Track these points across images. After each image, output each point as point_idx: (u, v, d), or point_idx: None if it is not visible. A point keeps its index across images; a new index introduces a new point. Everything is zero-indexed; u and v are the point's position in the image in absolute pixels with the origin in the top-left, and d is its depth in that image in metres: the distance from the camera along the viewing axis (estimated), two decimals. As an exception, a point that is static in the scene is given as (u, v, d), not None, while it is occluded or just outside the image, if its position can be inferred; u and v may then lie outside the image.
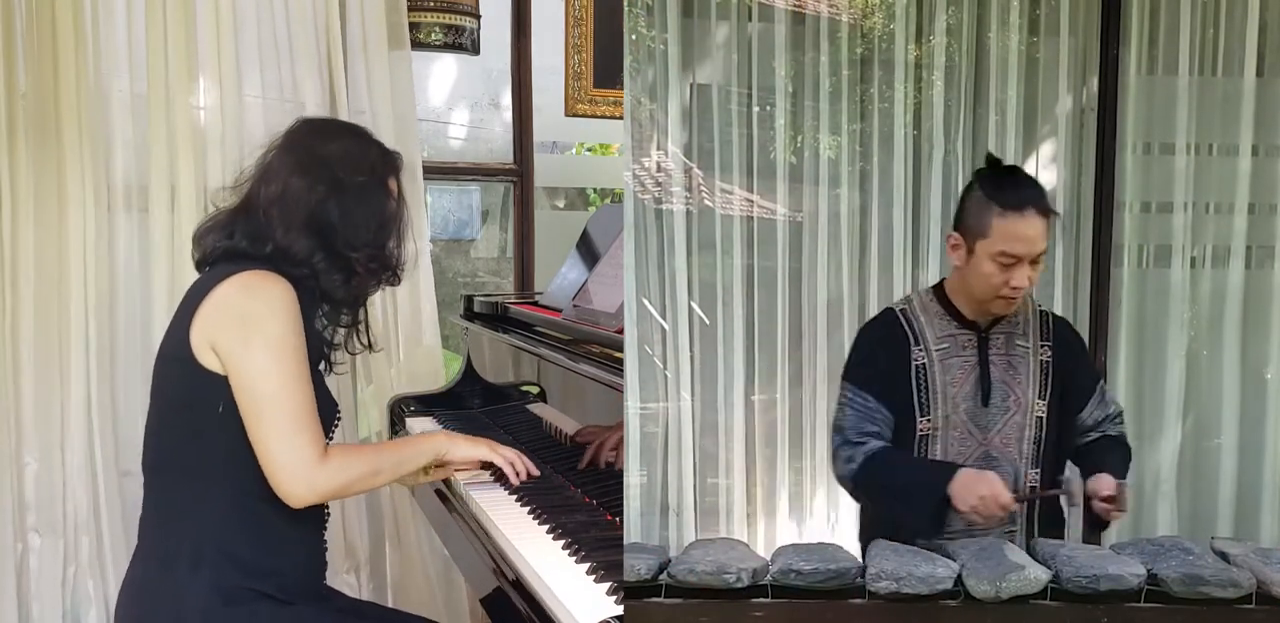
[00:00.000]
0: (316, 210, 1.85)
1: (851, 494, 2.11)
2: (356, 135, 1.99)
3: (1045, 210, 1.96)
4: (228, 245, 1.85)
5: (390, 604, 3.00)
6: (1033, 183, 2.02)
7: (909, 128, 3.11)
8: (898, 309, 2.10)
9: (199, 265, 1.92)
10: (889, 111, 3.11)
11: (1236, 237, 3.14)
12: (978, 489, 1.85)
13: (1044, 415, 2.06)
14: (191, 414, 1.79)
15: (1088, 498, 1.99)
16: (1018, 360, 2.06)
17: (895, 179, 3.10)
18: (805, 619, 1.66)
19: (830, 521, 3.15)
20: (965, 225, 2.00)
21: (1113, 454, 2.12)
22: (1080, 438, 2.16)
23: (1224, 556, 1.77)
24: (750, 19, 3.08)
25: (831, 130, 3.10)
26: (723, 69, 3.10)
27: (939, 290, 2.09)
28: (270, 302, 1.76)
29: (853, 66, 3.12)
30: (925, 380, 2.03)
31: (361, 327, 2.01)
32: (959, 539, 1.85)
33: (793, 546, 1.79)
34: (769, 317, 3.09)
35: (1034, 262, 1.96)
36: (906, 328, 2.06)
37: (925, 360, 2.04)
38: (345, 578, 2.98)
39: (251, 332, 1.74)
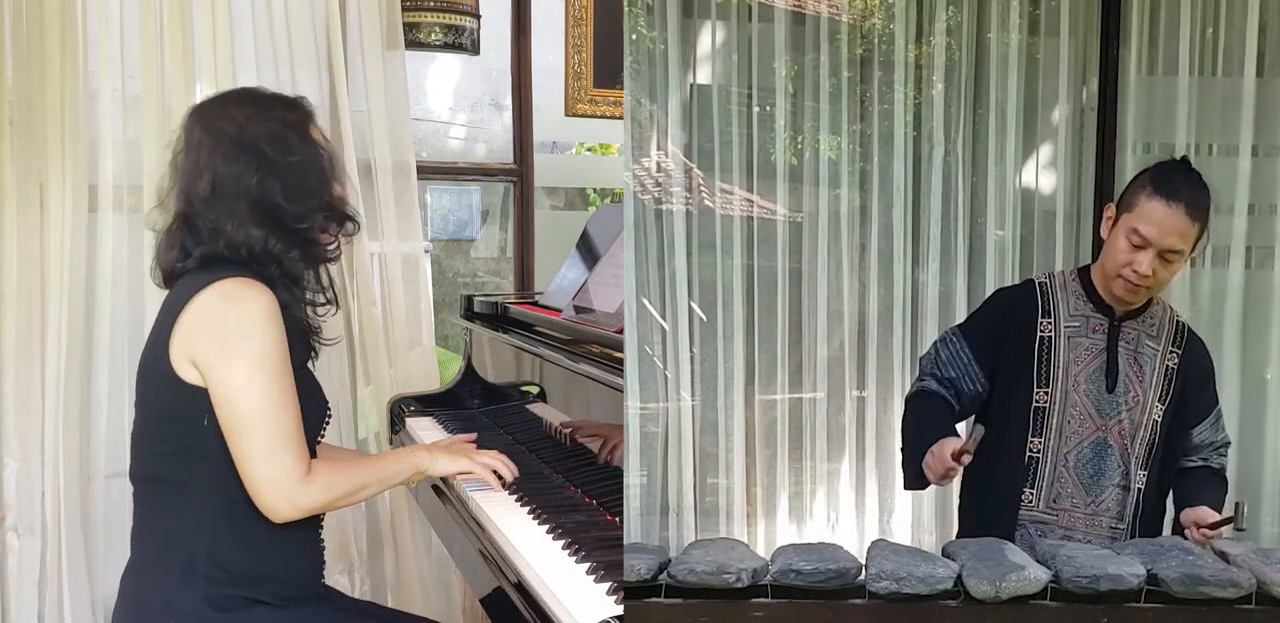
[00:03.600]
0: (257, 194, 1.78)
1: None
2: (255, 99, 1.89)
3: (1196, 211, 1.98)
4: (200, 255, 1.79)
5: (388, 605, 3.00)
6: (1200, 186, 2.04)
7: (909, 128, 3.11)
8: (1038, 281, 2.16)
9: (165, 282, 1.87)
10: (889, 112, 3.11)
11: (1236, 237, 3.14)
12: (932, 449, 1.98)
13: (1160, 420, 2.09)
14: (177, 427, 1.77)
15: (1187, 526, 2.02)
16: (1144, 359, 2.09)
17: (895, 179, 3.10)
18: (805, 619, 1.66)
19: (830, 521, 3.15)
20: (1122, 199, 2.06)
21: (1211, 488, 2.14)
22: (1184, 460, 2.18)
23: (1224, 556, 1.77)
24: (750, 19, 3.08)
25: (831, 130, 3.10)
26: (723, 69, 3.10)
27: (1084, 271, 2.14)
28: (252, 314, 1.72)
29: (853, 67, 3.12)
30: (1048, 353, 2.08)
31: (324, 287, 1.93)
32: (1067, 545, 1.84)
33: (793, 546, 1.78)
34: (769, 317, 3.09)
35: (1165, 258, 1.99)
36: (1040, 299, 2.11)
37: (1051, 333, 2.09)
38: (339, 579, 2.98)
39: (232, 347, 1.71)
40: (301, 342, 1.86)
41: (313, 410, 1.84)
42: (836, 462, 3.15)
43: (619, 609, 1.52)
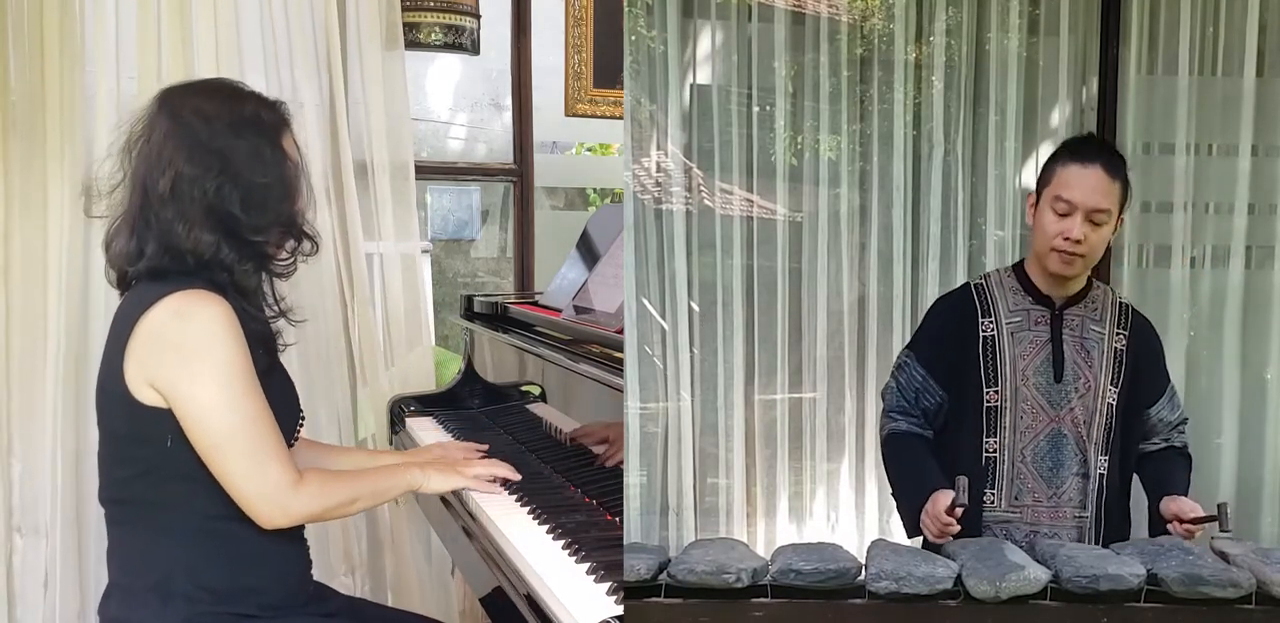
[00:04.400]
0: (214, 200, 1.70)
1: None
2: (229, 96, 1.79)
3: (1112, 170, 2.00)
4: (146, 265, 1.71)
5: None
6: (1110, 148, 2.09)
7: (909, 128, 3.11)
8: (972, 284, 2.16)
9: (119, 285, 1.80)
10: (889, 112, 3.11)
11: (1236, 237, 3.14)
12: (927, 507, 1.95)
13: (1114, 403, 2.08)
14: (140, 449, 1.71)
15: (1167, 519, 2.01)
16: (1091, 344, 2.09)
17: (895, 179, 3.10)
18: (805, 619, 1.66)
19: (830, 521, 3.15)
20: (1039, 181, 2.08)
21: (1179, 469, 2.15)
22: (1145, 443, 2.18)
23: (1224, 556, 1.77)
24: (750, 19, 3.08)
25: (831, 130, 3.10)
26: (723, 69, 3.10)
27: (1018, 267, 2.14)
28: (207, 327, 1.64)
29: (853, 67, 3.11)
30: (993, 352, 2.07)
31: (271, 302, 1.85)
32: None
33: (792, 546, 1.79)
34: (769, 317, 3.09)
35: (1094, 221, 1.99)
36: (977, 300, 2.11)
37: (994, 332, 2.08)
38: (342, 580, 2.98)
39: (193, 366, 1.63)
40: (263, 349, 1.78)
41: (285, 415, 1.80)
42: (836, 462, 3.14)
43: (619, 609, 1.52)
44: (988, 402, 2.07)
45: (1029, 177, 3.18)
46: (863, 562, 1.68)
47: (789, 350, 3.11)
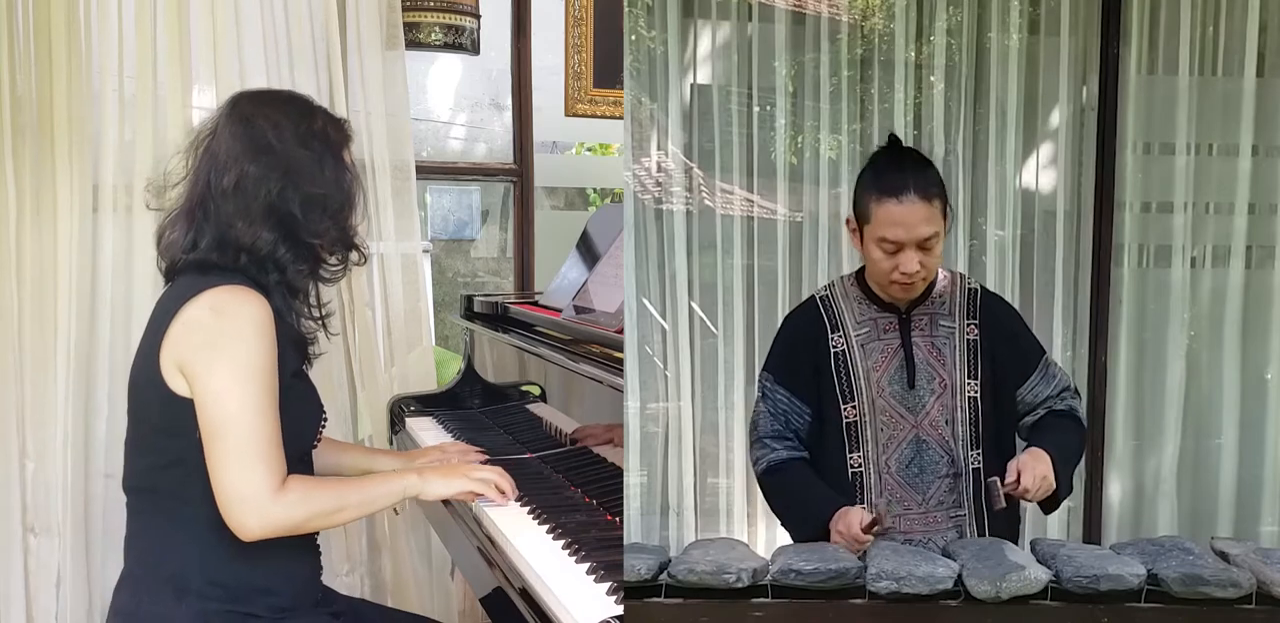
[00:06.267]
0: (276, 200, 1.76)
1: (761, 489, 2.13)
2: (300, 109, 1.87)
3: (927, 193, 1.92)
4: (196, 257, 1.77)
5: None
6: (916, 166, 1.97)
7: (909, 128, 3.11)
8: (818, 297, 2.09)
9: (166, 275, 1.84)
10: (889, 111, 3.11)
11: (1236, 237, 3.14)
12: (837, 526, 1.89)
13: (977, 396, 2.03)
14: (169, 440, 1.73)
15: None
16: (941, 342, 2.04)
17: (895, 179, 3.10)
18: (805, 619, 1.66)
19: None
20: (856, 210, 1.99)
21: (1051, 432, 2.07)
22: (1029, 418, 2.12)
23: (1224, 556, 1.77)
24: (750, 19, 3.08)
25: (832, 130, 3.10)
26: (723, 69, 3.10)
27: (860, 275, 2.08)
28: (242, 323, 1.68)
29: (853, 66, 3.12)
30: (845, 367, 2.02)
31: (315, 305, 1.92)
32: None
33: (793, 546, 1.79)
34: (769, 317, 3.09)
35: (924, 247, 1.93)
36: (824, 315, 2.05)
37: (844, 347, 2.03)
38: (344, 580, 2.98)
39: (216, 353, 1.67)
40: (295, 350, 1.83)
41: (308, 417, 1.82)
42: (836, 462, 3.14)
43: (619, 609, 1.52)
44: (846, 418, 2.02)
45: (1029, 176, 3.18)
46: (863, 562, 1.68)
47: (789, 350, 3.10)
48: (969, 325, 2.05)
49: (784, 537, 3.10)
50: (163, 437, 1.75)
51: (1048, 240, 3.17)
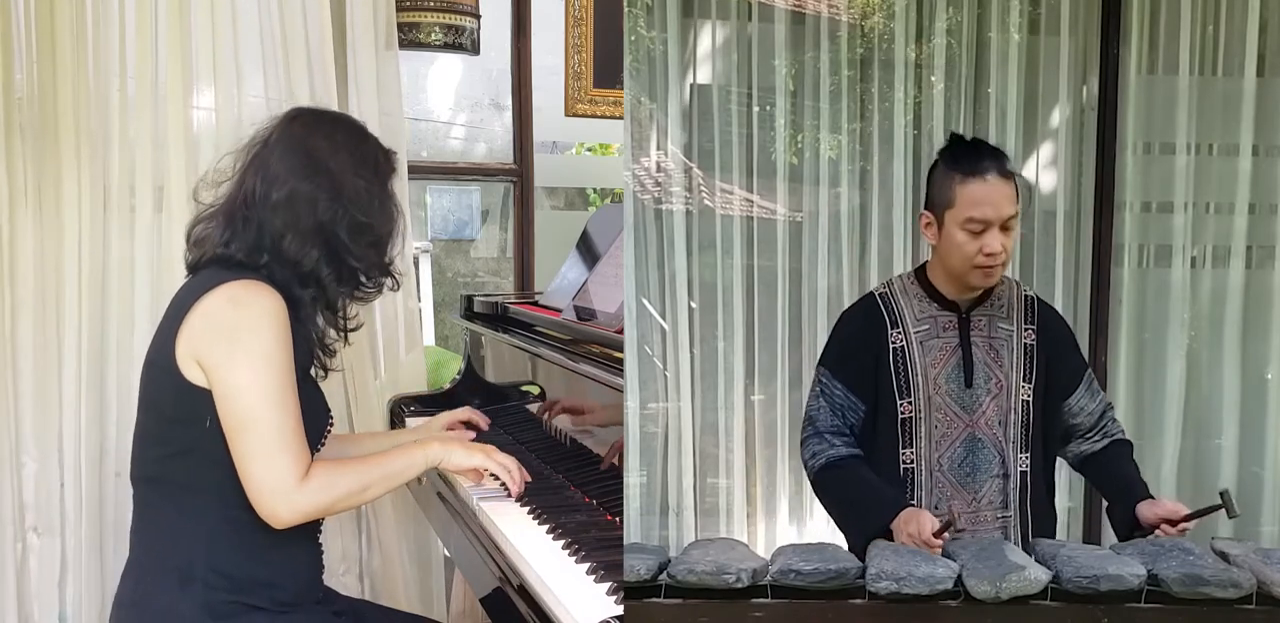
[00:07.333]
0: (325, 220, 1.82)
1: (811, 484, 2.13)
2: (356, 133, 1.94)
3: (1007, 173, 1.96)
4: (223, 253, 1.81)
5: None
6: (992, 150, 2.01)
7: (909, 127, 3.11)
8: (877, 293, 2.11)
9: (191, 268, 1.88)
10: (889, 111, 3.11)
11: (1236, 237, 3.15)
12: (907, 528, 1.87)
13: (1030, 400, 2.06)
14: (180, 429, 1.76)
15: (1155, 523, 1.98)
16: (1000, 343, 2.06)
17: (895, 179, 3.10)
18: (805, 619, 1.66)
19: (830, 520, 3.14)
20: (933, 201, 2.01)
21: (1131, 465, 2.12)
22: (1082, 441, 2.16)
23: (1224, 556, 1.77)
24: (750, 19, 3.08)
25: (832, 130, 3.10)
26: (723, 69, 3.10)
27: (920, 273, 2.10)
28: (258, 315, 1.72)
29: (853, 66, 3.12)
30: (904, 363, 2.04)
31: (344, 318, 1.97)
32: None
33: (793, 546, 1.78)
34: (769, 317, 3.09)
35: (1005, 228, 1.95)
36: (884, 311, 2.07)
37: (903, 343, 2.05)
38: (343, 579, 2.98)
39: (236, 346, 1.70)
40: (307, 352, 1.86)
41: (313, 418, 1.83)
42: (837, 462, 3.14)
43: (619, 609, 1.52)
44: (902, 413, 2.03)
45: (1029, 176, 3.18)
46: (863, 562, 1.68)
47: (789, 350, 3.11)
48: (1026, 330, 2.08)
49: (784, 537, 3.12)
50: (175, 426, 1.77)
51: (1048, 240, 3.17)
